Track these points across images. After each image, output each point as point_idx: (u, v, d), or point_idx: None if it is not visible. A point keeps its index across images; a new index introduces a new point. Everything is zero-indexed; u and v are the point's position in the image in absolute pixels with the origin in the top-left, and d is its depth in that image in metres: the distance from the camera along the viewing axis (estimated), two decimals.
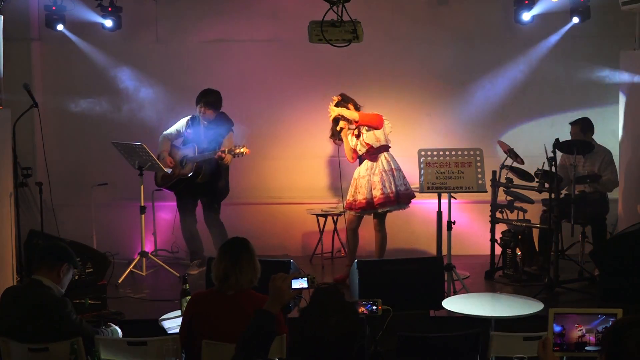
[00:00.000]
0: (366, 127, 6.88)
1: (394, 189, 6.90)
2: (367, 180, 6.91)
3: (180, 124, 7.40)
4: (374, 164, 6.93)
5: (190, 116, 7.36)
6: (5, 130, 6.30)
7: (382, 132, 6.90)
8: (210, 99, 7.19)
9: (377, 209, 6.91)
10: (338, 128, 6.88)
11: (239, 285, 4.08)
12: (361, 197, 6.91)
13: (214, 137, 7.14)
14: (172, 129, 7.44)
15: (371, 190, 6.88)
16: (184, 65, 8.12)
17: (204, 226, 7.48)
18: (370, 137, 6.88)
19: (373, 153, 6.93)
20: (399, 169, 6.97)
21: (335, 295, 3.05)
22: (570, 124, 7.24)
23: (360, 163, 7.02)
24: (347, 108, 6.87)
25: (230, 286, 4.08)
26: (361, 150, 6.93)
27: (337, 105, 6.89)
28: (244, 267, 4.09)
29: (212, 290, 4.19)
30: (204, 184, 7.28)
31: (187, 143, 7.35)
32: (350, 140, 6.95)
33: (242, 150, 6.97)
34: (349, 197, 7.01)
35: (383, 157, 6.96)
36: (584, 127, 7.18)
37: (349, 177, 7.18)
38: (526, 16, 7.81)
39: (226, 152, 6.99)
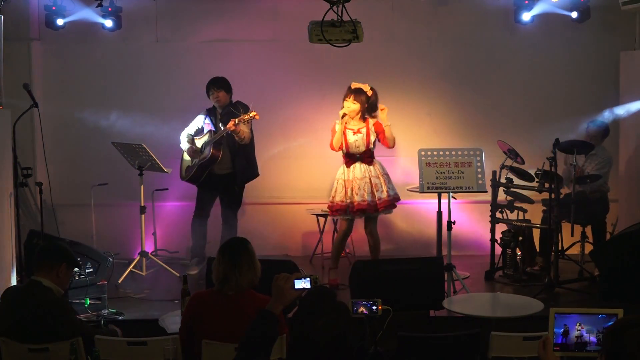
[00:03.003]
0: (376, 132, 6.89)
1: (392, 193, 6.92)
2: (366, 182, 6.86)
3: (198, 119, 7.40)
4: (370, 167, 6.90)
5: (206, 109, 7.37)
6: (5, 130, 6.29)
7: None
8: (221, 84, 7.20)
9: (378, 212, 6.89)
10: (342, 113, 6.80)
11: (239, 286, 4.08)
12: (360, 199, 6.83)
13: (232, 117, 7.09)
14: (190, 126, 7.43)
15: (373, 193, 6.85)
16: (184, 65, 8.12)
17: (209, 226, 7.51)
18: (373, 140, 6.89)
19: (369, 156, 6.91)
20: (387, 174, 7.00)
21: (324, 296, 3.04)
22: (593, 126, 7.24)
23: (347, 164, 6.94)
24: (373, 108, 6.87)
25: (230, 287, 4.08)
26: (359, 148, 6.87)
27: (367, 97, 6.85)
28: (243, 268, 4.09)
29: (212, 291, 4.19)
30: (226, 176, 7.26)
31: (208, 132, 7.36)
32: (347, 134, 6.89)
33: (251, 114, 6.94)
34: (342, 198, 6.92)
35: (378, 161, 6.96)
36: (605, 133, 7.23)
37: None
38: (526, 16, 7.81)
39: (236, 122, 6.96)
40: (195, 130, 7.43)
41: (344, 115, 6.80)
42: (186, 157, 7.46)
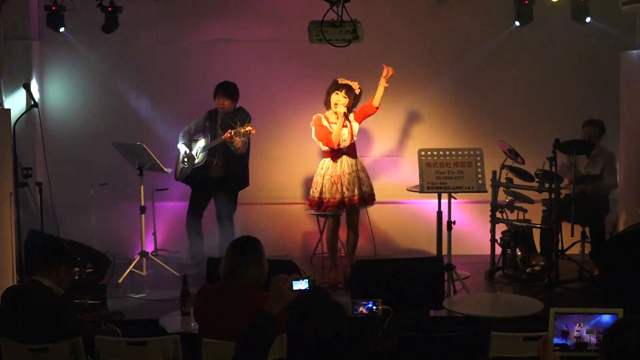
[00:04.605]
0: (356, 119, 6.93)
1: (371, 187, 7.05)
2: (354, 176, 6.89)
3: (199, 118, 7.43)
4: (355, 160, 6.93)
5: (209, 110, 7.37)
6: (5, 130, 6.29)
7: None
8: (228, 90, 7.21)
9: (367, 205, 6.98)
10: (343, 112, 6.81)
11: (243, 283, 4.09)
12: (350, 193, 6.87)
13: (230, 128, 7.09)
14: (190, 124, 7.46)
15: (361, 187, 6.90)
16: (184, 65, 8.11)
17: (207, 226, 7.50)
18: (356, 132, 6.90)
19: (353, 149, 6.94)
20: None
21: (319, 297, 3.05)
22: (587, 124, 7.24)
23: (334, 158, 6.93)
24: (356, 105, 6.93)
25: (234, 283, 4.09)
26: (345, 142, 6.87)
27: (355, 96, 6.89)
28: (249, 267, 4.11)
29: (217, 285, 4.20)
30: (220, 179, 7.27)
31: (205, 135, 7.37)
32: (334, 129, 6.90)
33: (247, 129, 6.95)
34: (335, 196, 6.90)
35: (358, 155, 6.99)
36: (601, 129, 7.24)
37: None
38: (527, 16, 7.80)
39: (232, 134, 6.97)
40: (195, 130, 7.44)
41: (345, 113, 6.81)
42: (182, 158, 7.47)
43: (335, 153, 6.92)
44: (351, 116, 6.95)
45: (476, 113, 8.17)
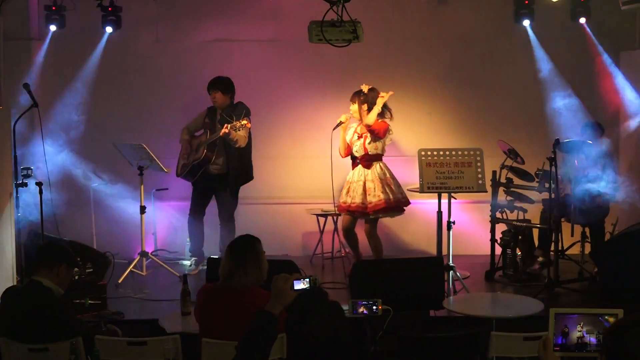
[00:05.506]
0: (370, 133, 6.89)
1: (391, 197, 6.90)
2: (360, 185, 6.90)
3: (200, 115, 7.45)
4: (368, 170, 6.92)
5: (208, 107, 7.39)
6: (5, 130, 6.29)
7: (382, 142, 6.91)
8: (219, 85, 7.22)
9: (369, 215, 6.92)
10: (338, 121, 6.85)
11: (243, 284, 4.09)
12: (351, 200, 6.92)
13: (227, 123, 7.08)
14: (191, 121, 7.49)
15: (365, 196, 6.88)
16: (184, 65, 8.12)
17: (208, 225, 7.49)
18: (371, 144, 6.88)
19: (367, 160, 6.93)
20: (394, 177, 6.99)
21: (317, 296, 3.05)
22: (585, 127, 7.23)
23: (353, 166, 7.01)
24: (369, 104, 6.89)
25: (234, 284, 4.09)
26: (358, 152, 6.92)
27: (364, 95, 6.86)
28: (248, 267, 4.10)
29: (218, 285, 4.20)
30: (221, 176, 7.28)
31: (205, 131, 7.40)
32: (351, 137, 6.93)
33: (242, 122, 6.96)
34: (344, 199, 6.99)
35: (378, 165, 6.96)
36: (600, 130, 7.22)
37: (343, 174, 7.16)
38: (526, 16, 7.80)
39: (229, 128, 6.97)
40: (195, 127, 7.46)
41: (341, 122, 6.84)
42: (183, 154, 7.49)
43: (352, 161, 7.01)
44: (360, 128, 6.92)
45: (476, 113, 8.18)
